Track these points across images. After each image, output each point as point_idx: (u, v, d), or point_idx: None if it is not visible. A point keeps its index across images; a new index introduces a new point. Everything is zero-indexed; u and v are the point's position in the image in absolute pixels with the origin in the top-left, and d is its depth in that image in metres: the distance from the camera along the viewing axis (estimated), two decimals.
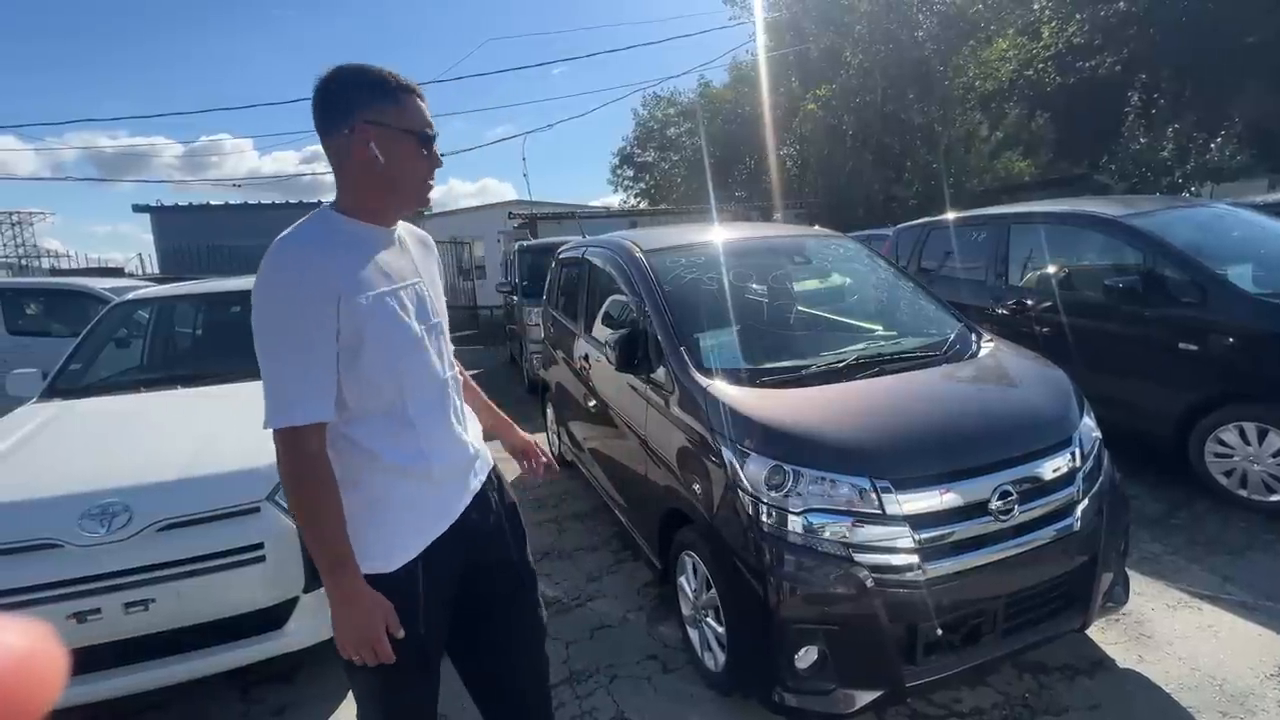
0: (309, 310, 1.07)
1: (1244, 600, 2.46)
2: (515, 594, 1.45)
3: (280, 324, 1.09)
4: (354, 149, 1.12)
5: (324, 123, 1.14)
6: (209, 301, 3.93)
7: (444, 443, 1.27)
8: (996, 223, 4.61)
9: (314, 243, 1.12)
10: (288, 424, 1.08)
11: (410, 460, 1.21)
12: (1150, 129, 12.74)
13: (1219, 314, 3.20)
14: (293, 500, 1.13)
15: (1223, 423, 3.20)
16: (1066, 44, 17.51)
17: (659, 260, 2.76)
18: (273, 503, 2.12)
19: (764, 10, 19.38)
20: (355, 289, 1.11)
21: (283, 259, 1.09)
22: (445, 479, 1.28)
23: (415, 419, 1.21)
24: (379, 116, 1.12)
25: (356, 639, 1.13)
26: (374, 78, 1.13)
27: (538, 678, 1.52)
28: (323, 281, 1.08)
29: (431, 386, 1.26)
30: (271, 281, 1.08)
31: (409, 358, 1.20)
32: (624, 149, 30.30)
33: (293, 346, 1.08)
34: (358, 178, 1.15)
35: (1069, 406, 2.12)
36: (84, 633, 1.89)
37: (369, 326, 1.12)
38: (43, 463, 2.25)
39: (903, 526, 1.75)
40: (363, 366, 1.13)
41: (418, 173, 1.18)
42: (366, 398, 1.16)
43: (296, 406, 1.08)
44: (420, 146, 1.16)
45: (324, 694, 2.25)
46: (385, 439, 1.19)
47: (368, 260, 1.16)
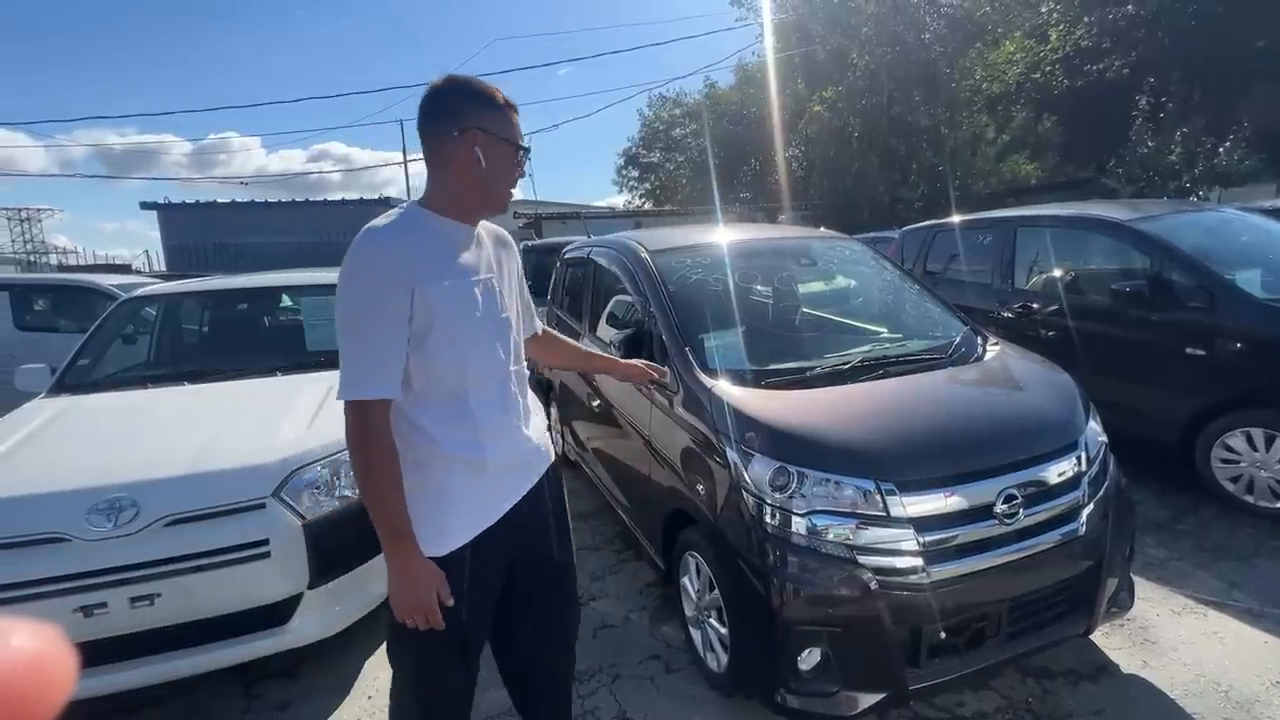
0: (385, 295, 1.16)
1: (1250, 606, 2.45)
2: (554, 590, 1.52)
3: (358, 306, 1.17)
4: (459, 150, 1.22)
5: (432, 123, 1.24)
6: (216, 299, 3.95)
7: (502, 436, 1.33)
8: (1002, 226, 4.59)
9: (397, 233, 1.20)
10: (358, 397, 1.17)
11: (467, 450, 1.27)
12: (1158, 133, 12.69)
13: (1226, 319, 3.18)
14: (357, 469, 1.20)
15: (1230, 428, 3.18)
16: (1074, 47, 17.45)
17: (664, 261, 2.76)
18: (278, 499, 2.13)
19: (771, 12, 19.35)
20: (430, 278, 1.19)
21: (367, 247, 1.17)
22: (499, 471, 1.33)
23: (475, 409, 1.28)
24: (486, 124, 1.23)
25: (410, 604, 1.20)
26: (484, 90, 1.25)
27: (564, 674, 1.61)
28: (400, 269, 1.16)
29: (494, 379, 1.32)
30: (355, 267, 1.17)
31: (474, 348, 1.27)
32: (629, 150, 30.34)
33: (368, 327, 1.16)
34: (454, 177, 1.25)
35: (1075, 410, 2.11)
36: (90, 627, 1.91)
37: (438, 314, 1.19)
38: (50, 457, 2.27)
39: (907, 529, 1.75)
40: (429, 352, 1.21)
41: (508, 179, 1.29)
42: (431, 382, 1.24)
43: (366, 382, 1.17)
44: (514, 156, 1.28)
45: (327, 690, 2.26)
46: (445, 426, 1.25)
47: (446, 253, 1.24)
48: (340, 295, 1.18)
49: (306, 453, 2.26)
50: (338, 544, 2.22)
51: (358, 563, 2.30)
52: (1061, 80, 18.01)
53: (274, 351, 3.43)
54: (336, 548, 2.22)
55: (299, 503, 2.16)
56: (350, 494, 2.28)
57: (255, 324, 3.89)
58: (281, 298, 3.98)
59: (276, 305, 4.00)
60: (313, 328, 3.46)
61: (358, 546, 2.31)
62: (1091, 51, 17.36)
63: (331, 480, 2.26)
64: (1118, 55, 16.74)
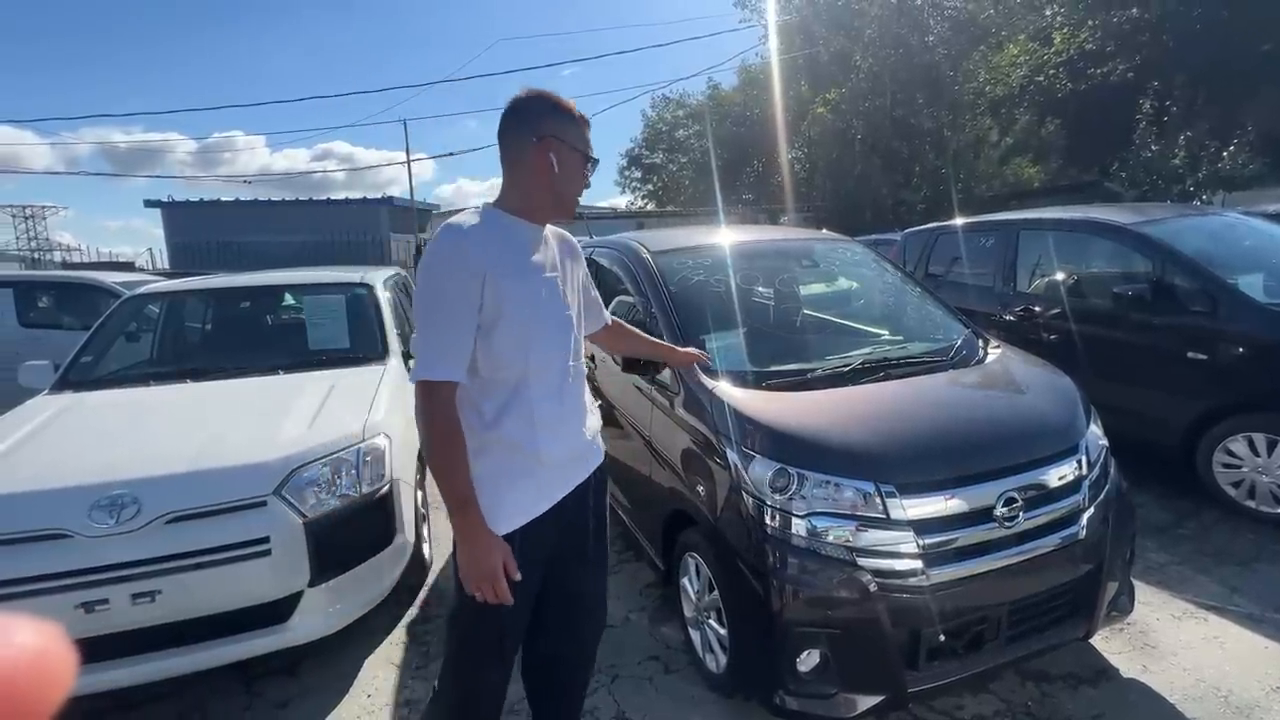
0: (459, 285, 1.25)
1: (1251, 612, 2.44)
2: (585, 590, 1.57)
3: (434, 295, 1.27)
4: (536, 156, 1.32)
5: (513, 130, 1.34)
6: (219, 297, 3.96)
7: (558, 428, 1.39)
8: (1005, 228, 4.59)
9: (473, 230, 1.30)
10: (427, 378, 1.26)
11: (523, 439, 1.34)
12: (1162, 136, 12.66)
13: (1229, 323, 3.18)
14: (426, 443, 1.29)
15: (1231, 433, 3.17)
16: (1078, 50, 17.43)
17: (666, 261, 2.77)
18: (279, 497, 2.14)
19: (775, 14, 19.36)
20: (502, 272, 1.28)
21: (445, 240, 1.28)
22: (553, 464, 1.39)
23: (535, 401, 1.35)
24: (562, 134, 1.33)
25: (479, 574, 1.27)
26: (562, 103, 1.35)
27: (584, 673, 1.66)
28: (474, 262, 1.25)
29: (554, 372, 1.39)
30: (436, 259, 1.27)
31: (536, 341, 1.34)
32: (632, 150, 30.37)
33: (441, 315, 1.26)
34: (529, 181, 1.34)
35: (1075, 414, 2.11)
36: (91, 623, 1.91)
37: (506, 306, 1.28)
38: (53, 454, 2.28)
39: (906, 531, 1.75)
40: (495, 341, 1.29)
41: (577, 186, 1.39)
42: (495, 370, 1.32)
43: (435, 364, 1.25)
44: (585, 166, 1.38)
45: (326, 688, 2.26)
46: (504, 414, 1.33)
47: (516, 250, 1.34)
48: (419, 284, 1.29)
49: (308, 451, 2.26)
50: (338, 543, 2.22)
51: (358, 562, 2.30)
52: (1065, 83, 17.99)
53: (276, 350, 3.44)
54: (337, 546, 2.22)
55: (300, 501, 2.16)
56: (350, 493, 2.29)
57: (258, 323, 3.90)
58: (284, 296, 3.99)
59: (279, 304, 4.01)
60: (314, 327, 3.46)
61: (358, 546, 2.32)
62: (1096, 55, 17.34)
63: (332, 479, 2.27)
64: (1122, 59, 16.72)
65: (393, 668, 2.36)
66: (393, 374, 3.07)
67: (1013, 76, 17.88)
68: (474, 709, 1.47)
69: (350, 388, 2.77)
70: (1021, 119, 17.95)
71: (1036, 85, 18.30)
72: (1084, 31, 17.49)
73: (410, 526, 2.60)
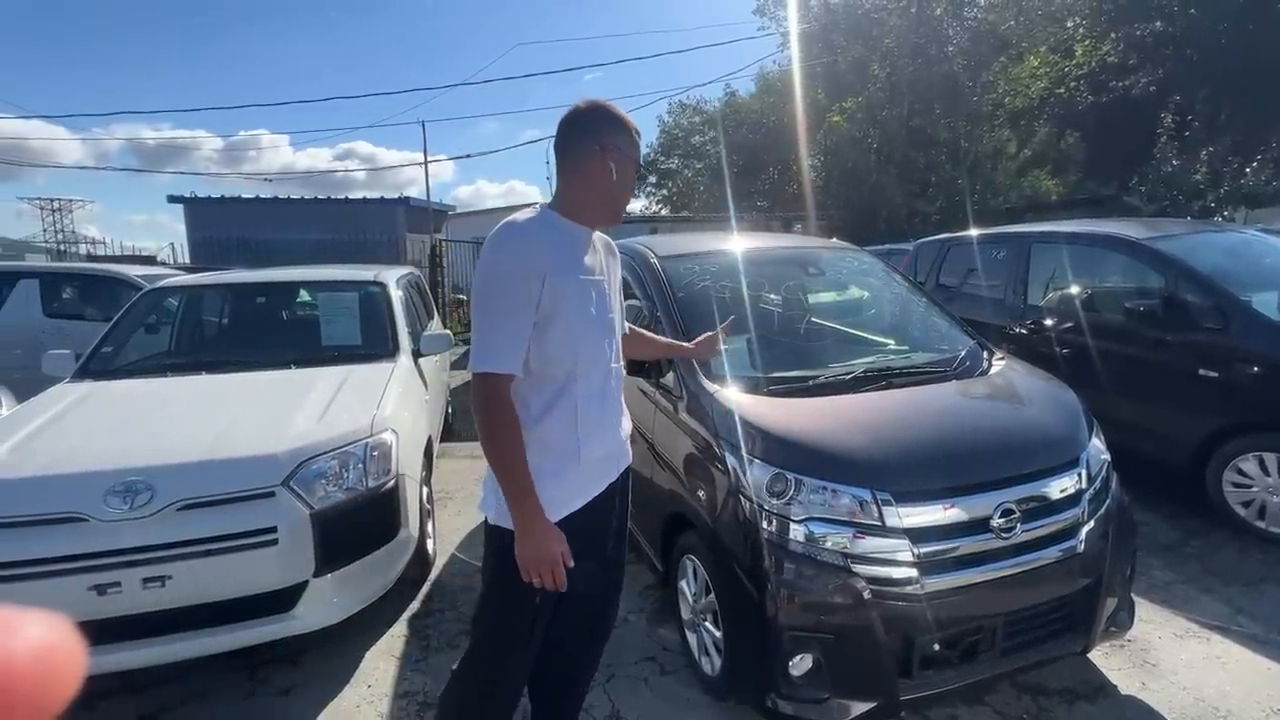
0: (520, 281, 1.29)
1: (1255, 633, 2.42)
2: (600, 589, 1.59)
3: (494, 290, 1.30)
4: (597, 164, 1.38)
5: (575, 137, 1.40)
6: (236, 292, 4.04)
7: (598, 428, 1.43)
8: (1017, 241, 4.57)
9: (533, 229, 1.35)
10: (487, 370, 1.29)
11: (566, 436, 1.38)
12: (1183, 151, 12.48)
13: (1241, 341, 3.15)
14: (484, 434, 1.32)
15: (1242, 452, 3.14)
16: (1100, 63, 17.25)
17: (673, 266, 2.79)
18: (288, 488, 2.19)
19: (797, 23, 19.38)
20: (559, 271, 1.32)
21: (506, 238, 1.32)
22: (590, 462, 1.43)
23: (579, 400, 1.39)
24: (621, 145, 1.40)
25: (539, 561, 1.30)
26: (620, 116, 1.42)
27: (590, 669, 1.69)
28: (534, 260, 1.30)
29: (599, 373, 1.43)
30: (497, 255, 1.31)
31: (586, 341, 1.39)
32: (648, 155, 30.43)
33: (501, 309, 1.30)
34: (586, 184, 1.40)
35: (1077, 427, 2.11)
36: (104, 605, 1.97)
37: (562, 305, 1.32)
38: (72, 440, 2.34)
39: (902, 539, 1.76)
40: (549, 340, 1.33)
41: (628, 193, 1.46)
42: (546, 367, 1.36)
43: (495, 357, 1.29)
44: (635, 174, 1.45)
45: (328, 677, 2.30)
46: (550, 411, 1.37)
47: (571, 252, 1.39)
48: (479, 278, 1.32)
49: (317, 444, 2.31)
50: (343, 534, 2.27)
51: (362, 554, 2.34)
52: (1086, 96, 17.80)
53: (290, 345, 3.51)
54: (342, 538, 2.27)
55: (308, 493, 2.21)
56: (357, 486, 2.33)
57: (273, 318, 3.98)
58: (299, 293, 4.06)
59: (294, 300, 4.09)
60: (328, 323, 3.53)
61: (363, 538, 2.37)
62: (1118, 68, 17.15)
63: (340, 472, 2.31)
64: (1144, 72, 16.52)
65: (393, 660, 2.40)
66: (402, 371, 3.12)
67: (1033, 88, 17.74)
68: (500, 692, 1.51)
69: (360, 383, 2.82)
70: (1040, 131, 17.78)
71: (1057, 97, 18.13)
72: (1106, 44, 17.30)
73: (415, 521, 2.64)
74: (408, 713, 2.13)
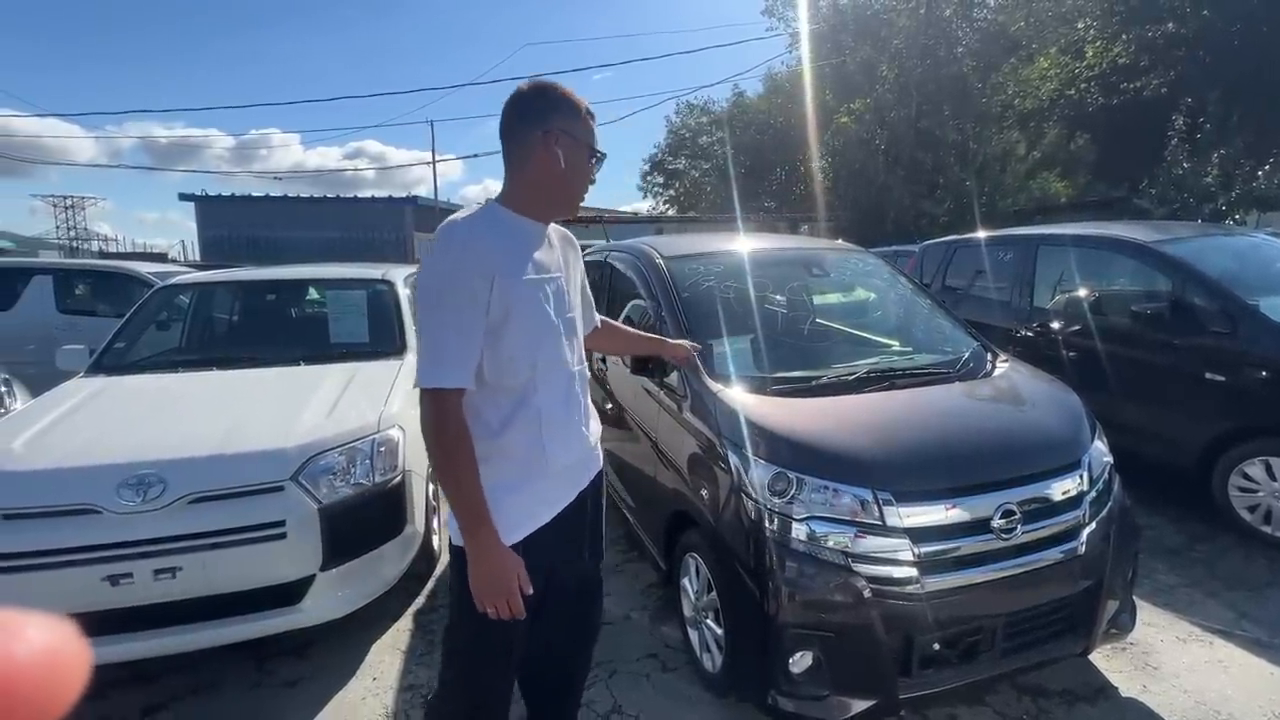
0: (465, 286, 1.18)
1: (1259, 638, 2.41)
2: (583, 594, 1.56)
3: (439, 296, 1.20)
4: (542, 150, 1.26)
5: (517, 122, 1.27)
6: (246, 289, 4.09)
7: (563, 434, 1.35)
8: (1024, 243, 4.56)
9: (478, 228, 1.24)
10: (434, 385, 1.18)
11: (531, 448, 1.30)
12: (1195, 153, 12.39)
13: (1248, 345, 3.14)
14: (434, 455, 1.21)
15: (1249, 456, 3.13)
16: (1111, 64, 17.13)
17: (678, 266, 2.81)
18: (296, 483, 2.22)
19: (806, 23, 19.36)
20: (509, 272, 1.22)
21: (447, 240, 1.21)
22: (559, 471, 1.35)
23: (542, 408, 1.30)
24: (569, 128, 1.27)
25: (493, 590, 1.21)
26: (568, 96, 1.29)
27: (581, 675, 1.65)
28: (481, 261, 1.19)
29: (560, 377, 1.34)
30: (439, 259, 1.20)
31: (544, 345, 1.29)
32: (655, 156, 30.48)
33: (447, 318, 1.19)
34: (534, 175, 1.28)
35: (1079, 429, 2.11)
36: (116, 595, 2.01)
37: (515, 308, 1.22)
38: (86, 434, 2.39)
39: (903, 539, 1.77)
40: (504, 346, 1.23)
41: (583, 183, 1.34)
42: (501, 376, 1.26)
43: (442, 371, 1.18)
44: (590, 161, 1.32)
45: (335, 670, 2.33)
46: (510, 421, 1.28)
47: (522, 250, 1.28)
48: (421, 285, 1.23)
49: (325, 440, 2.35)
50: (351, 529, 2.30)
51: (368, 549, 2.38)
52: (1096, 98, 17.69)
53: (299, 342, 3.55)
54: (349, 532, 2.30)
55: (315, 487, 2.24)
56: (364, 481, 2.36)
57: (282, 315, 4.02)
58: (308, 290, 4.11)
59: (303, 298, 4.13)
60: (336, 320, 3.57)
61: (370, 532, 2.40)
62: (1129, 69, 17.02)
63: (347, 467, 2.35)
64: (1156, 74, 16.39)
65: (399, 653, 2.43)
66: (409, 368, 3.16)
67: (1042, 90, 17.65)
68: (484, 716, 1.43)
69: (368, 380, 2.86)
70: (1050, 133, 17.68)
71: (1067, 99, 18.02)
72: (1117, 45, 17.17)
73: (420, 517, 2.67)
74: (412, 706, 2.16)
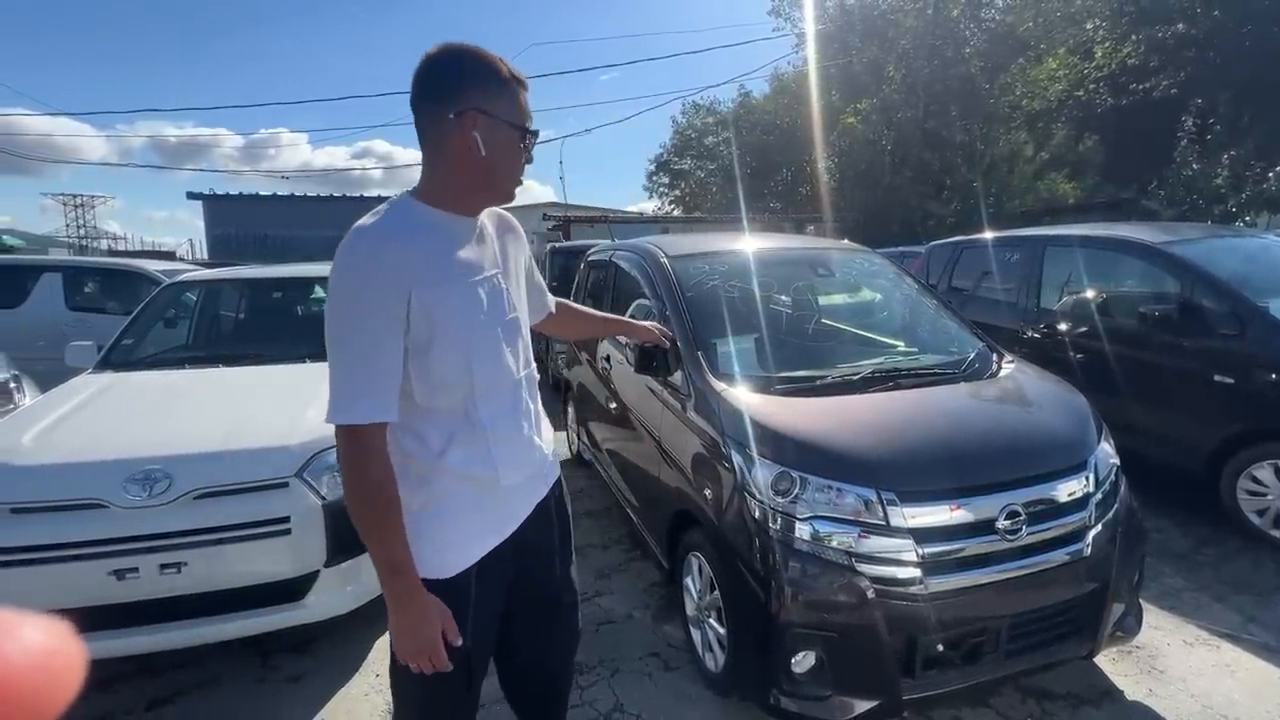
0: (378, 304, 1.02)
1: (1267, 642, 2.39)
2: (556, 605, 1.46)
3: (349, 318, 1.03)
4: (455, 135, 1.07)
5: (426, 101, 1.09)
6: (252, 287, 4.11)
7: (514, 448, 1.22)
8: (1031, 244, 4.54)
9: (389, 233, 1.06)
10: (349, 422, 1.03)
11: (477, 465, 1.17)
12: (1204, 154, 12.30)
13: (1257, 347, 3.11)
14: (350, 499, 1.07)
15: (1257, 459, 3.10)
16: (1120, 65, 17.01)
17: (682, 266, 2.81)
18: (300, 479, 2.23)
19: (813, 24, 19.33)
20: (429, 282, 1.06)
21: (356, 250, 1.03)
22: (511, 486, 1.23)
23: (485, 422, 1.16)
24: (488, 105, 1.07)
25: (414, 646, 1.10)
26: (487, 63, 1.08)
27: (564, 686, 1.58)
28: (394, 273, 1.03)
29: (504, 387, 1.20)
30: (344, 273, 1.03)
31: (480, 355, 1.14)
32: (661, 156, 30.47)
33: (359, 342, 1.03)
34: (451, 164, 1.10)
35: (1085, 430, 2.10)
36: (122, 590, 2.02)
37: (439, 321, 1.07)
38: (93, 429, 2.41)
39: (906, 539, 1.76)
40: (432, 364, 1.09)
41: (513, 167, 1.14)
42: (436, 396, 1.12)
43: (358, 404, 1.03)
44: (520, 140, 1.13)
45: (338, 665, 2.34)
46: (453, 441, 1.14)
47: (445, 251, 1.11)
48: (330, 304, 1.04)
49: (329, 437, 2.33)
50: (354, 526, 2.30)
51: None
52: (1105, 99, 17.56)
53: (304, 339, 3.56)
54: (353, 529, 2.29)
55: (320, 484, 2.25)
56: None
57: (288, 312, 4.04)
58: (314, 288, 4.12)
59: (308, 295, 4.15)
60: None
61: None
62: (1138, 70, 16.90)
63: None
64: (1165, 75, 16.26)
65: None
66: None
67: (1051, 90, 17.54)
68: None
69: None
70: (1059, 134, 17.59)
71: (1075, 100, 17.90)
72: (1127, 46, 17.05)
73: None
74: None
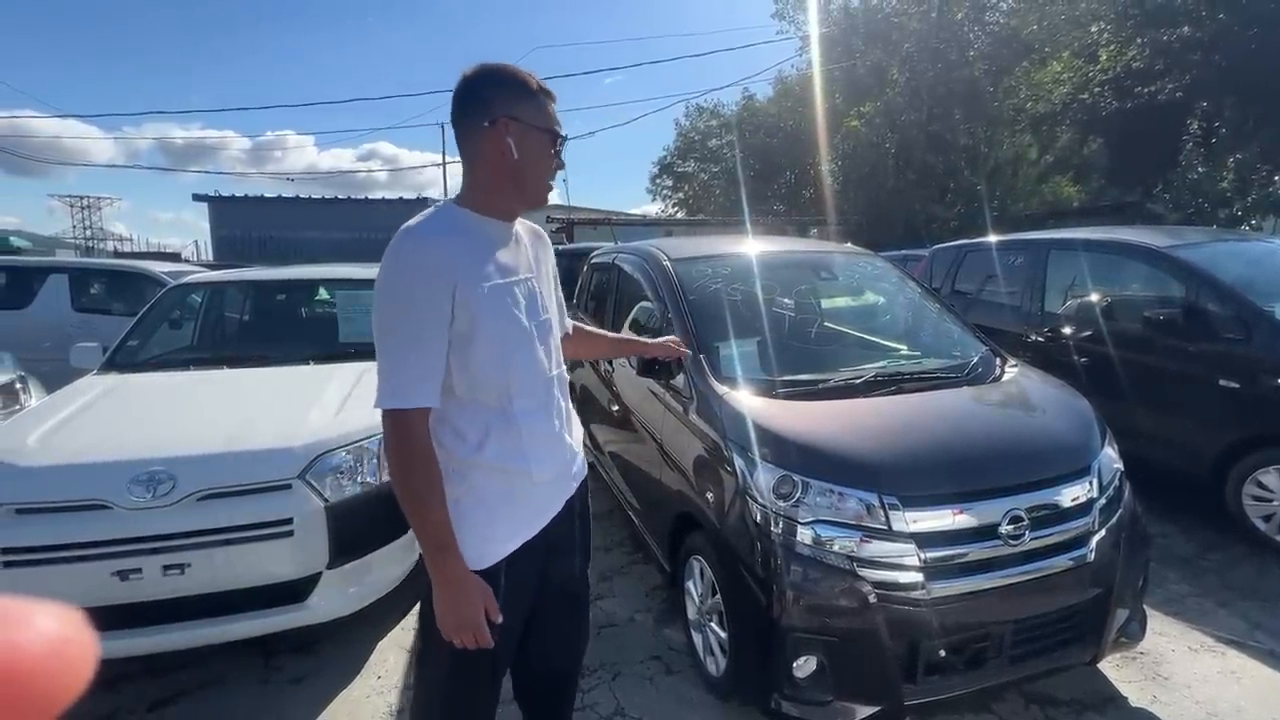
0: (425, 298, 1.11)
1: (1272, 648, 2.37)
2: (572, 605, 1.51)
3: (397, 310, 1.12)
4: (490, 142, 1.17)
5: (463, 114, 1.19)
6: (256, 289, 4.13)
7: (546, 444, 1.29)
8: (1035, 248, 4.53)
9: (435, 233, 1.15)
10: (396, 406, 1.12)
11: (511, 460, 1.23)
12: (1210, 158, 12.26)
13: (1263, 351, 3.09)
14: (397, 480, 1.14)
15: (1262, 465, 3.08)
16: (1125, 68, 16.97)
17: (685, 269, 2.81)
18: (304, 481, 2.24)
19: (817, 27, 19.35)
20: (472, 279, 1.14)
21: (405, 249, 1.12)
22: (544, 482, 1.29)
23: (520, 417, 1.23)
24: (519, 113, 1.17)
25: (457, 622, 1.15)
26: (516, 77, 1.19)
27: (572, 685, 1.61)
28: (440, 271, 1.11)
29: (538, 384, 1.27)
30: (393, 268, 1.12)
31: (518, 353, 1.22)
32: (664, 158, 30.50)
33: (407, 333, 1.11)
34: (488, 171, 1.20)
35: (1089, 435, 2.09)
36: (125, 590, 2.03)
37: (482, 317, 1.15)
38: (98, 430, 2.42)
39: (909, 544, 1.76)
40: (473, 358, 1.16)
41: (544, 170, 1.23)
42: (475, 389, 1.19)
43: (405, 390, 1.11)
44: (550, 145, 1.21)
45: (341, 667, 2.35)
46: (490, 435, 1.21)
47: (485, 253, 1.19)
48: (378, 300, 1.14)
49: (332, 439, 2.36)
50: (357, 527, 2.31)
51: (375, 547, 2.39)
52: (1110, 102, 17.51)
53: (308, 341, 3.58)
54: (356, 531, 2.31)
55: (323, 485, 2.26)
56: (371, 480, 2.38)
57: (292, 314, 4.06)
58: (318, 290, 4.14)
59: (313, 297, 4.17)
60: (346, 320, 3.60)
61: (376, 531, 2.41)
62: (1143, 73, 16.85)
63: (354, 466, 2.36)
64: (1171, 78, 16.21)
65: (404, 652, 2.44)
66: None
67: (1055, 93, 17.51)
68: None
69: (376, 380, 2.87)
70: (1063, 137, 17.57)
71: (1080, 103, 17.85)
72: (1132, 49, 16.99)
73: None
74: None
